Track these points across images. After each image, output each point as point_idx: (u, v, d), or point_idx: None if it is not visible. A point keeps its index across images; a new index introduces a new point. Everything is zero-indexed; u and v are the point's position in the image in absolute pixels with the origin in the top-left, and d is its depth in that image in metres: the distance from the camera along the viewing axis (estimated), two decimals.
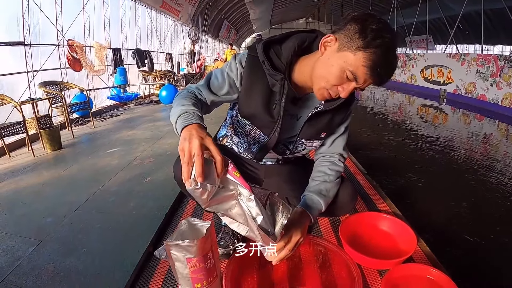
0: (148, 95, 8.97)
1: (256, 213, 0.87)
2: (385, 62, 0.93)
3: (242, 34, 34.84)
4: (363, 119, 7.45)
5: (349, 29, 0.94)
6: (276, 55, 1.10)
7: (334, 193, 1.27)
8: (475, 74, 8.30)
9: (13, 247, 1.86)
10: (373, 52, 0.91)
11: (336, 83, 0.99)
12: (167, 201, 2.02)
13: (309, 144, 1.28)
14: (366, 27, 0.91)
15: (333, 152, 1.32)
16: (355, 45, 0.93)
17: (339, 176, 1.30)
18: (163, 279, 1.38)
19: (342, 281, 1.12)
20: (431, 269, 1.28)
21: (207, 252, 1.06)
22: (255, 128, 1.22)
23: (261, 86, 1.12)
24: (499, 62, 7.35)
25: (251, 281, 1.23)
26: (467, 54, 8.89)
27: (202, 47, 15.93)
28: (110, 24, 8.19)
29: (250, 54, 1.13)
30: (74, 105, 5.09)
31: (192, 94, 1.12)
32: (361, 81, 0.96)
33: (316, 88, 1.05)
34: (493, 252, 2.29)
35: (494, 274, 2.08)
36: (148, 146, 3.95)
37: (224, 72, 1.16)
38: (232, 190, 0.88)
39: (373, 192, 2.15)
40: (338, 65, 0.96)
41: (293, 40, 1.10)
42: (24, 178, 3.00)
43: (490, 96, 7.69)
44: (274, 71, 1.07)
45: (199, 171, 0.80)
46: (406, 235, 1.55)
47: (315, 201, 1.18)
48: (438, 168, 4.00)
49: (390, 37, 0.92)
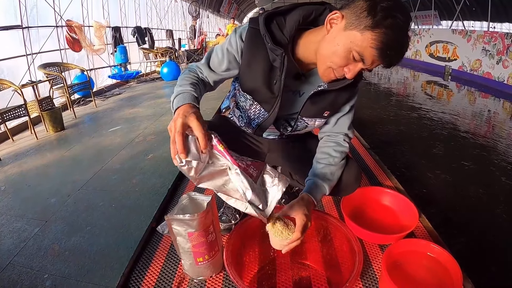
0: (149, 73, 8.89)
1: (245, 187, 0.85)
2: (395, 44, 0.87)
3: (244, 9, 34.32)
4: (367, 95, 7.40)
5: (357, 6, 0.88)
6: (279, 28, 1.04)
7: (338, 175, 1.24)
8: (481, 51, 8.14)
9: (19, 228, 1.89)
10: (382, 33, 0.85)
11: (342, 63, 0.93)
12: (170, 178, 2.03)
13: (311, 122, 1.23)
14: (376, 5, 0.85)
15: (337, 131, 1.27)
16: (363, 24, 0.86)
17: (344, 157, 1.26)
18: (166, 254, 1.39)
19: (343, 255, 1.12)
20: (432, 245, 1.28)
21: (208, 226, 1.07)
22: (256, 103, 1.18)
23: (262, 60, 1.07)
24: (506, 40, 7.19)
25: (252, 255, 1.24)
26: (473, 31, 8.68)
27: (203, 22, 15.69)
28: (108, 3, 8.05)
29: (251, 26, 1.07)
30: (75, 85, 5.05)
31: (193, 74, 1.11)
32: (368, 62, 0.90)
33: (320, 69, 1.00)
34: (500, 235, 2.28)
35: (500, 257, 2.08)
36: (150, 124, 3.94)
37: (224, 48, 1.12)
38: (223, 165, 0.86)
39: (376, 167, 2.14)
40: (344, 45, 0.90)
41: (298, 12, 1.04)
42: (28, 161, 3.01)
43: (496, 74, 7.57)
44: (275, 45, 1.01)
45: (180, 147, 0.81)
46: (408, 210, 1.55)
47: (319, 186, 1.15)
48: (445, 145, 3.96)
49: (401, 17, 0.85)
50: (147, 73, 8.80)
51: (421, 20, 14.05)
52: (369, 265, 1.29)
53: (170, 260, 1.36)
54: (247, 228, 1.13)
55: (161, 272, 1.30)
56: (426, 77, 9.62)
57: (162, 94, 5.95)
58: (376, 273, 1.25)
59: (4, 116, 3.38)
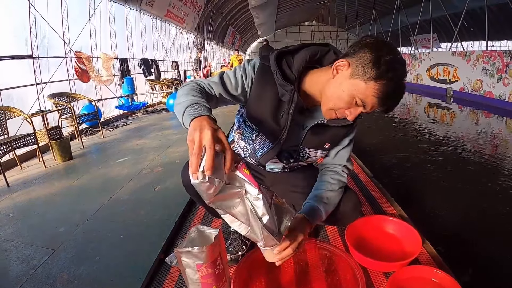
0: (155, 104, 9.07)
1: (262, 212, 0.88)
2: (395, 94, 0.98)
3: (247, 40, 34.99)
4: (370, 121, 7.47)
5: (363, 57, 0.97)
6: (288, 66, 1.12)
7: (336, 201, 1.28)
8: (481, 71, 8.23)
9: (28, 256, 1.93)
10: (384, 84, 0.95)
11: (345, 107, 1.02)
12: (177, 209, 2.06)
13: (313, 153, 1.30)
14: (380, 58, 0.95)
15: (337, 163, 1.34)
16: (368, 75, 0.96)
17: (342, 186, 1.31)
18: (174, 284, 1.42)
19: (347, 284, 1.15)
20: (435, 270, 1.30)
21: (216, 258, 1.11)
22: (261, 135, 1.24)
23: (271, 94, 1.14)
24: (505, 58, 7.29)
25: (259, 285, 1.26)
26: (472, 52, 8.82)
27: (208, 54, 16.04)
28: (116, 35, 8.33)
29: (262, 62, 1.15)
30: (83, 115, 5.18)
31: (200, 87, 1.10)
32: (368, 107, 1.00)
33: (324, 108, 1.08)
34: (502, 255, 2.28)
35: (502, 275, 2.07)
36: (157, 155, 4.01)
37: (237, 74, 1.16)
38: (238, 187, 0.86)
39: (379, 195, 2.17)
40: (348, 91, 0.99)
41: (305, 52, 1.12)
42: (36, 189, 3.08)
43: (497, 92, 7.63)
44: (285, 81, 1.08)
45: (210, 163, 0.76)
46: (411, 237, 1.57)
47: (315, 209, 1.20)
48: (450, 168, 3.97)
49: (401, 68, 0.97)
50: (153, 104, 8.99)
51: (421, 43, 14.29)
52: None
53: None
54: (254, 260, 1.17)
55: None
56: (429, 100, 9.69)
57: (169, 126, 6.06)
58: None
59: (14, 144, 3.47)
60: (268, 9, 18.85)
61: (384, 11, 17.91)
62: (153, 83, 9.08)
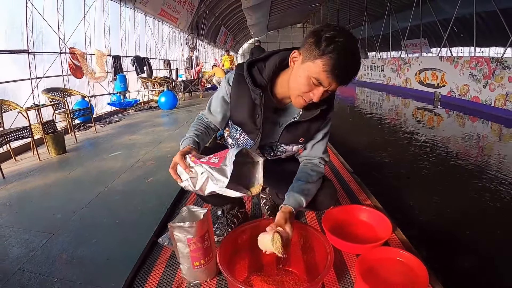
0: (147, 101, 9.16)
1: (211, 174, 1.08)
2: (341, 64, 1.07)
3: (239, 40, 35.07)
4: (358, 121, 7.66)
5: (308, 42, 1.11)
6: (259, 72, 1.30)
7: (314, 191, 1.44)
8: (468, 76, 8.45)
9: (27, 240, 2.05)
10: (328, 58, 1.06)
11: (306, 90, 1.15)
12: (169, 198, 2.20)
13: (289, 148, 1.48)
14: (321, 37, 1.07)
15: (313, 156, 1.50)
16: (313, 55, 1.09)
17: (320, 176, 1.48)
18: (165, 262, 1.55)
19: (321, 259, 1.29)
20: (400, 251, 1.47)
21: (204, 233, 1.26)
22: (244, 134, 1.44)
23: (247, 99, 1.33)
24: (491, 64, 7.51)
25: (243, 263, 1.40)
26: (460, 57, 9.04)
27: (200, 53, 16.13)
28: (110, 32, 8.40)
29: (237, 72, 1.35)
30: (77, 111, 5.27)
31: (200, 121, 1.45)
32: (326, 84, 1.12)
33: (292, 98, 1.24)
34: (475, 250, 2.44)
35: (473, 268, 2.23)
36: (149, 150, 4.13)
37: (218, 95, 1.42)
38: (203, 173, 1.11)
39: (357, 189, 2.33)
40: (304, 75, 1.13)
41: (275, 58, 1.30)
42: (32, 180, 3.18)
43: (483, 97, 7.85)
44: (255, 87, 1.27)
45: (174, 177, 1.17)
46: (383, 224, 1.74)
47: (297, 199, 1.35)
48: (434, 169, 4.11)
49: (343, 40, 1.06)
50: (145, 101, 9.08)
51: (411, 48, 14.56)
52: (347, 272, 1.45)
53: (169, 268, 1.51)
54: (237, 237, 1.31)
55: (161, 278, 1.45)
56: (417, 104, 9.92)
57: (160, 123, 6.18)
58: (352, 279, 1.41)
59: (9, 136, 3.54)
60: (261, 10, 18.99)
61: (376, 15, 18.15)
62: (145, 80, 9.16)
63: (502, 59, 7.26)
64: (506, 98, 7.05)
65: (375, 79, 15.24)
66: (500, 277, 2.09)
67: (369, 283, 1.22)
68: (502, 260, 2.23)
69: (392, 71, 13.48)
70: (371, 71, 15.71)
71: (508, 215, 2.81)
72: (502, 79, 7.18)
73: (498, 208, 2.91)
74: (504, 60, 7.20)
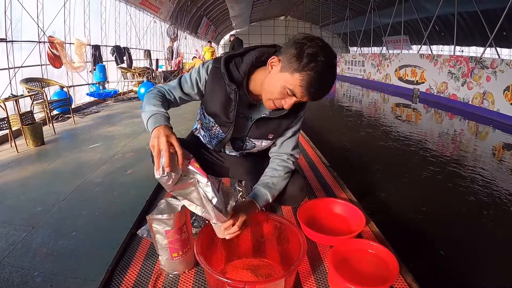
0: (126, 92, 9.08)
1: (211, 196, 1.10)
2: (317, 83, 1.10)
3: (221, 31, 34.79)
4: (337, 116, 7.78)
5: (289, 53, 1.12)
6: (236, 67, 1.33)
7: (281, 185, 1.50)
8: (447, 74, 8.64)
9: (7, 233, 2.05)
10: (306, 75, 1.09)
11: (279, 97, 1.19)
12: (148, 190, 2.21)
13: (258, 143, 1.52)
14: (303, 52, 1.08)
15: (282, 152, 1.54)
16: (292, 67, 1.11)
17: (288, 171, 1.52)
18: (145, 254, 1.59)
19: (296, 250, 1.35)
20: (372, 243, 1.54)
21: (182, 225, 1.30)
22: (216, 125, 1.47)
23: (221, 92, 1.36)
24: (470, 63, 7.68)
25: (219, 254, 1.46)
26: (439, 55, 9.22)
27: (181, 44, 15.96)
28: (90, 21, 8.24)
29: (214, 65, 1.36)
30: (55, 101, 5.19)
31: (161, 94, 1.33)
32: (299, 96, 1.15)
33: (264, 100, 1.27)
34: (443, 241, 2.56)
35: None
36: (129, 142, 4.14)
37: (193, 77, 1.40)
38: (192, 178, 1.09)
39: (333, 182, 2.40)
40: (279, 83, 1.15)
41: (252, 54, 1.32)
42: (10, 173, 3.14)
43: (461, 95, 8.04)
44: (230, 82, 1.30)
45: (167, 162, 1.00)
46: (357, 217, 1.81)
47: (262, 193, 1.40)
48: (410, 164, 4.21)
49: (324, 60, 1.08)
50: (125, 92, 8.99)
51: (392, 44, 14.75)
52: (321, 263, 1.51)
53: (149, 260, 1.55)
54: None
55: (141, 269, 1.49)
56: (396, 99, 10.10)
57: (139, 114, 5.99)
58: (326, 270, 1.47)
59: None
60: (243, 2, 18.90)
61: (358, 10, 18.30)
62: (125, 71, 9.06)
63: (481, 59, 7.44)
64: (483, 97, 7.25)
65: (356, 74, 15.41)
66: (472, 268, 2.21)
67: (341, 273, 1.29)
68: (474, 251, 2.35)
69: (372, 67, 13.65)
70: (352, 66, 15.88)
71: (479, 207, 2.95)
72: (480, 78, 7.37)
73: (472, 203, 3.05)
74: (483, 60, 7.38)
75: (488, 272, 2.17)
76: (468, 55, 9.94)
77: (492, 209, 2.91)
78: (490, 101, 7.01)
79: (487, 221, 2.75)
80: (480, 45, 12.25)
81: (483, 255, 2.31)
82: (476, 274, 2.15)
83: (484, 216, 2.82)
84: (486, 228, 2.65)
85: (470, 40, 14.13)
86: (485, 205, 2.97)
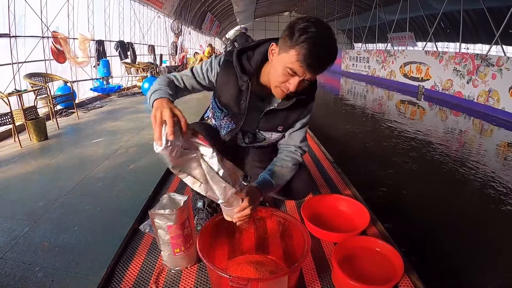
0: (130, 87, 9.05)
1: (218, 168, 1.04)
2: (312, 53, 1.10)
3: (225, 27, 34.74)
4: (340, 112, 7.75)
5: (283, 35, 1.16)
6: (248, 60, 1.34)
7: (288, 176, 1.49)
8: (452, 71, 8.59)
9: (9, 228, 2.03)
10: (300, 47, 1.10)
11: (283, 80, 1.19)
12: (151, 185, 2.21)
13: (268, 135, 1.52)
14: (294, 29, 1.11)
15: (291, 144, 1.54)
16: (287, 46, 1.13)
17: (295, 163, 1.52)
18: (147, 249, 1.58)
19: (299, 246, 1.33)
20: (378, 241, 1.52)
21: (184, 220, 1.28)
22: (228, 116, 1.46)
23: (233, 84, 1.36)
24: (476, 60, 7.62)
25: (222, 250, 1.44)
26: (445, 52, 9.16)
27: (185, 39, 15.93)
28: (94, 16, 8.22)
29: (226, 58, 1.37)
30: (59, 96, 5.18)
31: (170, 80, 1.33)
32: (300, 73, 1.15)
33: (272, 88, 1.28)
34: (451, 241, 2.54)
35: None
36: (132, 136, 4.11)
37: (203, 68, 1.41)
38: (195, 153, 1.03)
39: (337, 178, 2.38)
40: (280, 66, 1.17)
41: (264, 46, 1.34)
42: (13, 168, 3.13)
43: (466, 93, 7.99)
44: (242, 74, 1.31)
45: (171, 130, 0.95)
46: (361, 214, 1.79)
47: (267, 181, 1.39)
48: (413, 161, 4.21)
49: (315, 31, 1.09)
50: (128, 87, 8.96)
51: (398, 41, 14.64)
52: (325, 259, 1.50)
53: (151, 255, 1.54)
54: (216, 225, 1.34)
55: (143, 264, 1.48)
56: (400, 96, 10.06)
57: (143, 109, 6.11)
58: (330, 266, 1.46)
59: None
60: None
61: (363, 6, 18.17)
62: (128, 66, 9.02)
63: (487, 57, 7.39)
64: (488, 95, 7.19)
65: (360, 70, 15.35)
66: (478, 267, 2.19)
67: (345, 270, 1.27)
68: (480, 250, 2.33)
69: (377, 63, 13.59)
70: (357, 62, 15.80)
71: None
72: (486, 76, 7.32)
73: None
74: (488, 57, 7.32)
75: (494, 272, 2.15)
76: (474, 52, 9.86)
77: (498, 207, 2.88)
78: (496, 99, 6.96)
79: (493, 220, 2.73)
80: (486, 43, 12.17)
81: (490, 254, 2.29)
82: (482, 274, 2.13)
83: (490, 215, 2.80)
84: (493, 227, 2.62)
85: (475, 38, 14.00)
86: (491, 203, 2.95)
